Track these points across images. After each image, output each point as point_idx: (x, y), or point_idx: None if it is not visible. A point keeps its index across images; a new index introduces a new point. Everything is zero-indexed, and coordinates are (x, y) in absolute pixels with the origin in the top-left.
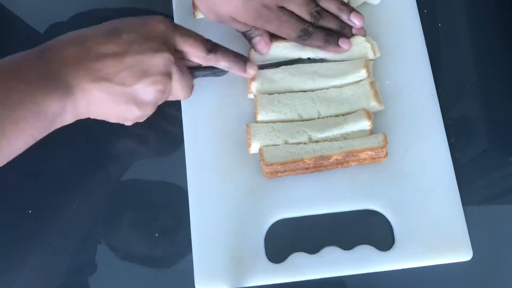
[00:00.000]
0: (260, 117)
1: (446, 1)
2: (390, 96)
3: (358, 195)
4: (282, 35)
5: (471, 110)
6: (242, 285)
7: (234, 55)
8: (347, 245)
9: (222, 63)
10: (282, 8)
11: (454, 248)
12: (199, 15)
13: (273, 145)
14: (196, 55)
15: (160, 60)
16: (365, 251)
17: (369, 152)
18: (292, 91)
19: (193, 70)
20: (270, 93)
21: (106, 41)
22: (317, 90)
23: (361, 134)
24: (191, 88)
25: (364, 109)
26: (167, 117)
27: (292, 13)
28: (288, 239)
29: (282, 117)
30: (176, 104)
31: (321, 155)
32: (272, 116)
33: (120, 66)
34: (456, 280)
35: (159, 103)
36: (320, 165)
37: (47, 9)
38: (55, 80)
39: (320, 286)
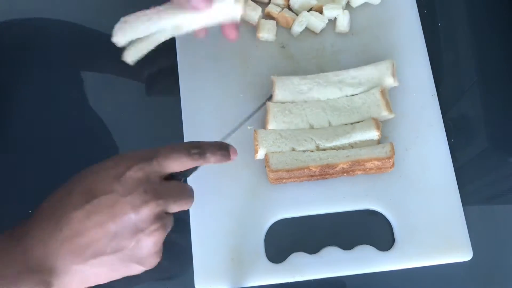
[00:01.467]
0: (270, 126)
1: (446, 1)
2: (390, 96)
3: (358, 195)
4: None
5: (471, 110)
6: (242, 285)
7: (220, 149)
8: (347, 245)
9: (211, 162)
10: None
11: (454, 248)
12: None
13: (280, 152)
14: (185, 167)
15: (146, 213)
16: (365, 251)
17: (376, 162)
18: (319, 100)
19: (180, 176)
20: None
21: (84, 215)
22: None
23: (368, 143)
24: (192, 195)
25: (373, 119)
26: (167, 118)
27: None
28: (288, 239)
29: (293, 127)
30: (177, 105)
31: (327, 164)
32: (283, 126)
33: (108, 235)
34: (456, 280)
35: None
36: (325, 173)
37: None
38: (39, 272)
39: (320, 286)
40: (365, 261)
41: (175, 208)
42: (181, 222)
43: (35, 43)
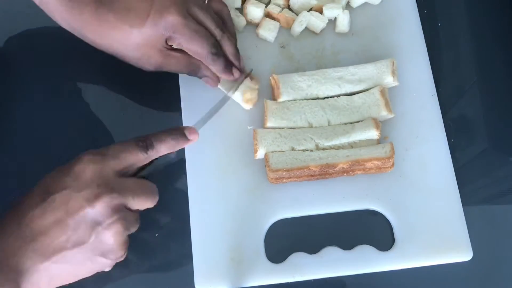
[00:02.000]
0: (269, 124)
1: (446, 1)
2: (390, 96)
3: (358, 195)
4: (195, 47)
5: (471, 110)
6: (242, 285)
7: (170, 135)
8: (347, 245)
9: (164, 151)
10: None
11: (454, 248)
12: None
13: (279, 151)
14: (137, 163)
15: (102, 207)
16: (365, 251)
17: (376, 162)
18: (318, 98)
19: (142, 173)
20: (296, 101)
21: (42, 212)
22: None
23: (368, 143)
24: (155, 192)
25: (373, 118)
26: (167, 118)
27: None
28: (288, 239)
29: (291, 124)
30: (176, 105)
31: (327, 163)
32: (281, 124)
33: (67, 230)
34: (456, 280)
35: (128, 234)
36: (325, 172)
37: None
38: (6, 273)
39: (320, 286)
40: (365, 261)
41: (135, 204)
42: (181, 223)
43: (34, 43)
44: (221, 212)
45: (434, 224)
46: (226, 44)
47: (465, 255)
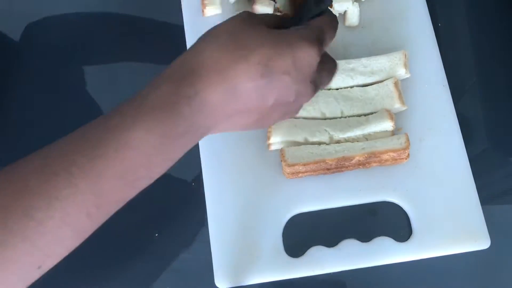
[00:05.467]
0: None
1: (446, 1)
2: (402, 88)
3: (374, 187)
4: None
5: (471, 110)
6: (262, 281)
7: (331, 22)
8: (365, 237)
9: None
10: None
11: (471, 237)
12: (208, 13)
13: (293, 141)
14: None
15: (304, 101)
16: (383, 242)
17: (392, 154)
18: (330, 89)
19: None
20: None
21: (256, 87)
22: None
23: (383, 135)
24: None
25: (387, 110)
26: None
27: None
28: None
29: (304, 114)
30: None
31: (343, 156)
32: None
33: (265, 109)
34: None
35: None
36: (341, 166)
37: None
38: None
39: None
40: (384, 252)
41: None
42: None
43: (37, 41)
44: (238, 208)
45: (451, 213)
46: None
47: (483, 243)
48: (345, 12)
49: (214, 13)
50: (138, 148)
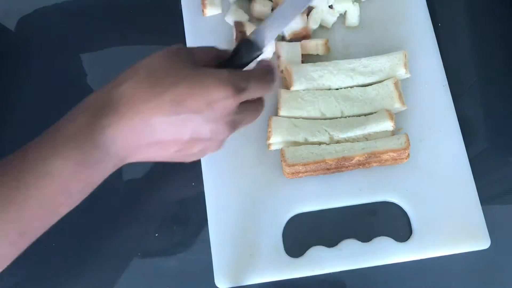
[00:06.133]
0: (282, 113)
1: (446, 1)
2: (402, 88)
3: (374, 187)
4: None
5: (471, 110)
6: (262, 281)
7: (263, 75)
8: (365, 237)
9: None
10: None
11: (471, 237)
12: (208, 13)
13: (293, 141)
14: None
15: (221, 140)
16: (383, 242)
17: (392, 154)
18: (330, 89)
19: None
20: (309, 91)
21: (169, 123)
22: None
23: (383, 135)
24: (260, 111)
25: (387, 110)
26: None
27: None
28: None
29: (304, 114)
30: None
31: (343, 156)
32: (294, 113)
33: (179, 144)
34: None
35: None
36: (341, 166)
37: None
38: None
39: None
40: (384, 252)
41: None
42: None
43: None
44: (238, 208)
45: (451, 213)
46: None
47: (483, 243)
48: (345, 12)
49: (214, 13)
50: (56, 176)
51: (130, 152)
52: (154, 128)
